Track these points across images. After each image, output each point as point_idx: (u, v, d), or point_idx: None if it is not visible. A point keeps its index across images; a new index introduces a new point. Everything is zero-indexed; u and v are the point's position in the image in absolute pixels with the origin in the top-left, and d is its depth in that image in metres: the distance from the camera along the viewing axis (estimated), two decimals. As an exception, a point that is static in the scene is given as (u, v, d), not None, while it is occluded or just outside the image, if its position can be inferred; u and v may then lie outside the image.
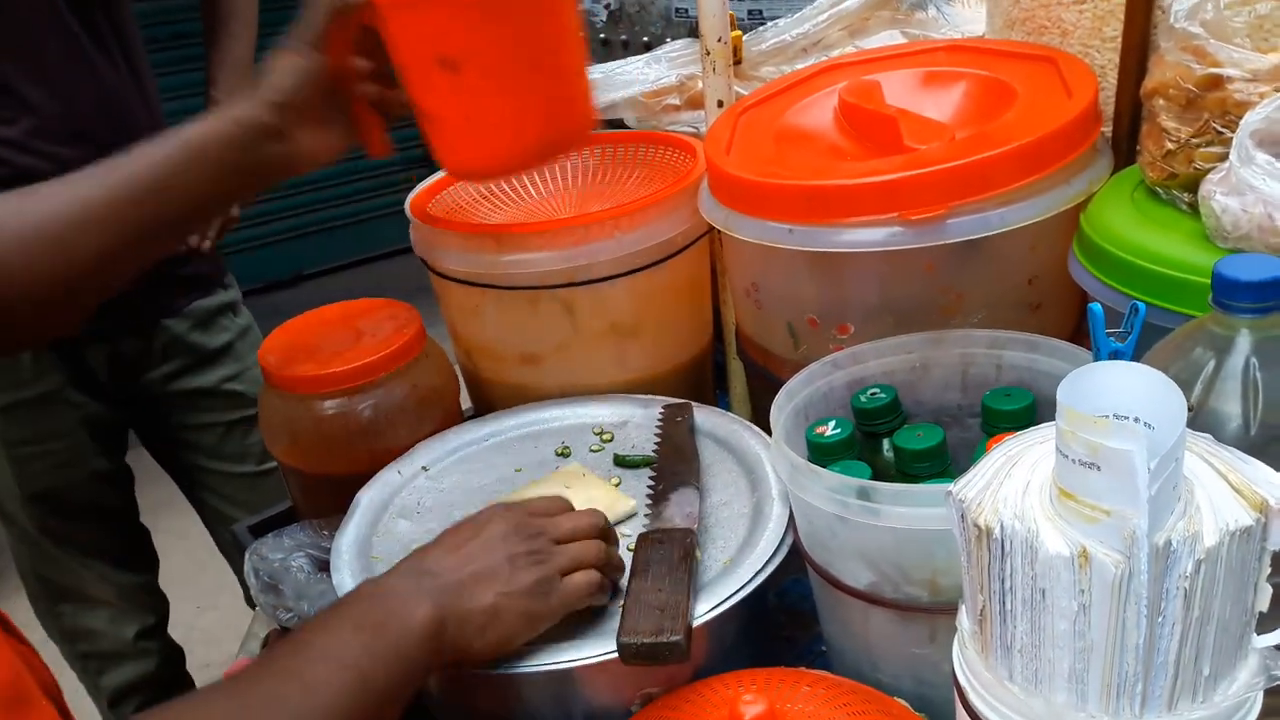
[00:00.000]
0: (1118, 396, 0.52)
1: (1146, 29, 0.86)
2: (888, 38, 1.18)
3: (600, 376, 1.05)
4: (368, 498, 0.94)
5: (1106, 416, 0.50)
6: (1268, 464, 0.58)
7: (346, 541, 0.88)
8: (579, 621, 0.76)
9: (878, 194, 0.81)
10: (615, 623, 0.72)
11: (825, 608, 0.80)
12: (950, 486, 0.58)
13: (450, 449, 1.00)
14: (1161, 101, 0.79)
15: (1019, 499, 0.54)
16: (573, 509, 0.79)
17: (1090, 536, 0.51)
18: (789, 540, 0.79)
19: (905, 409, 0.85)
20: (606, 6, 4.93)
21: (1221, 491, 0.52)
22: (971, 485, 0.57)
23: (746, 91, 1.07)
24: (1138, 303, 0.73)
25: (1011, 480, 0.56)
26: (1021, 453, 0.58)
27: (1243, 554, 0.51)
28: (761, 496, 0.85)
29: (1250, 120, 0.68)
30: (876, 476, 0.79)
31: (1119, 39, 0.90)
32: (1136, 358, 0.71)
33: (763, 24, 1.22)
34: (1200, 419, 0.61)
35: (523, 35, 0.82)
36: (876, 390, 0.84)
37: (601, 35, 4.84)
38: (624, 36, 4.80)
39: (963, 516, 0.56)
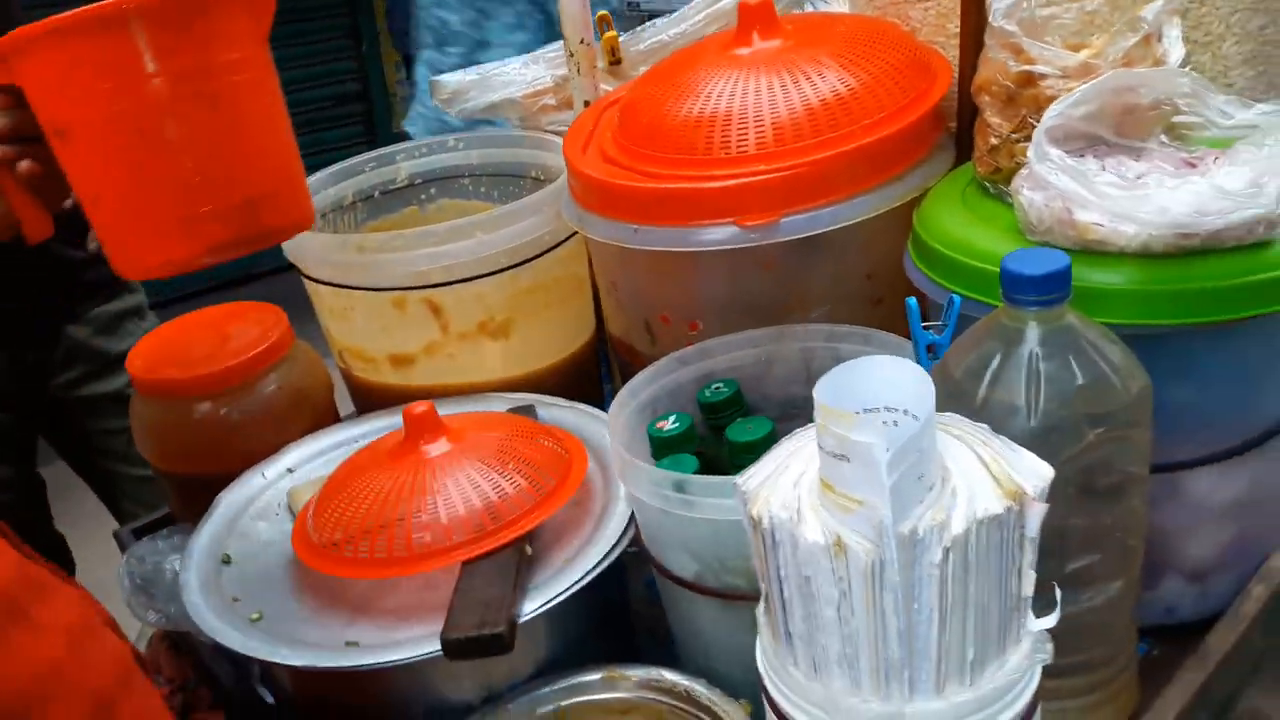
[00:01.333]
0: (872, 390, 0.53)
1: (981, 26, 0.88)
2: (762, 36, 1.19)
3: (474, 376, 1.05)
4: (228, 499, 0.94)
5: (855, 412, 0.51)
6: (1047, 452, 0.60)
7: (199, 543, 0.88)
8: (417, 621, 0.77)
9: (716, 199, 0.83)
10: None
11: (665, 600, 0.81)
12: (737, 478, 0.59)
13: (317, 450, 1.00)
14: (986, 98, 0.81)
15: (790, 490, 0.56)
16: None
17: (845, 526, 0.52)
18: (628, 537, 0.80)
19: (750, 402, 0.86)
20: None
21: (981, 480, 0.54)
22: (755, 477, 0.59)
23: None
24: (954, 295, 0.75)
25: (788, 472, 0.57)
26: (804, 445, 0.59)
27: (995, 541, 0.52)
28: (612, 495, 0.86)
29: (1047, 117, 0.70)
30: (719, 468, 0.80)
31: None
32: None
33: (639, 13, 1.22)
34: (987, 409, 0.63)
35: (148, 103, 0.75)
36: (720, 385, 0.85)
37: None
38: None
39: (744, 507, 0.57)
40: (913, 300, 0.74)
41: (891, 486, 0.49)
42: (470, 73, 1.20)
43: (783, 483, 0.56)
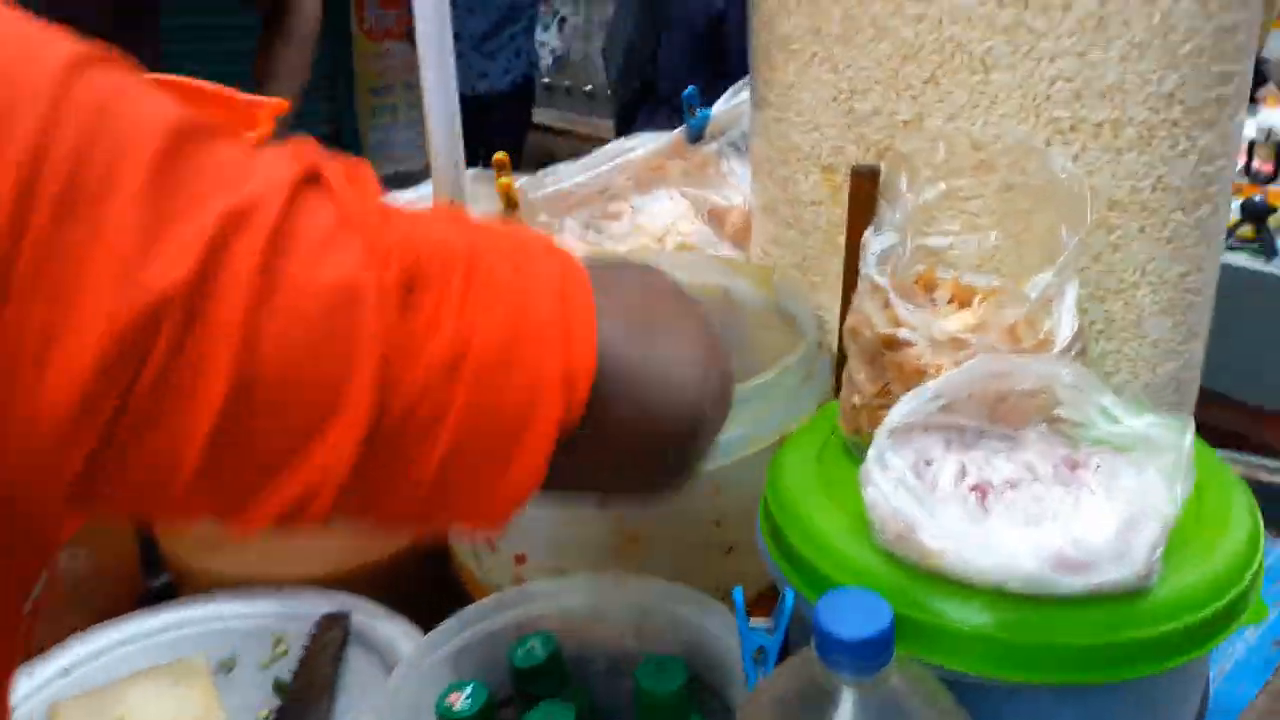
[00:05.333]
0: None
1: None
2: (664, 197, 1.09)
3: (282, 569, 0.93)
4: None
5: None
6: None
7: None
8: None
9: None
10: None
11: None
12: None
13: (101, 649, 0.88)
14: (854, 346, 0.71)
15: None
16: None
17: None
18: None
19: (576, 653, 0.74)
20: (553, 53, 4.91)
21: None
22: None
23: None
24: (789, 589, 0.64)
25: None
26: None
27: None
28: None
29: (892, 416, 0.59)
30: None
31: (849, 254, 0.81)
32: (787, 651, 0.62)
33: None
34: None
35: None
36: (535, 644, 0.74)
37: (545, 80, 4.81)
38: (567, 83, 4.80)
39: None
40: (738, 591, 0.64)
41: None
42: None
43: None
